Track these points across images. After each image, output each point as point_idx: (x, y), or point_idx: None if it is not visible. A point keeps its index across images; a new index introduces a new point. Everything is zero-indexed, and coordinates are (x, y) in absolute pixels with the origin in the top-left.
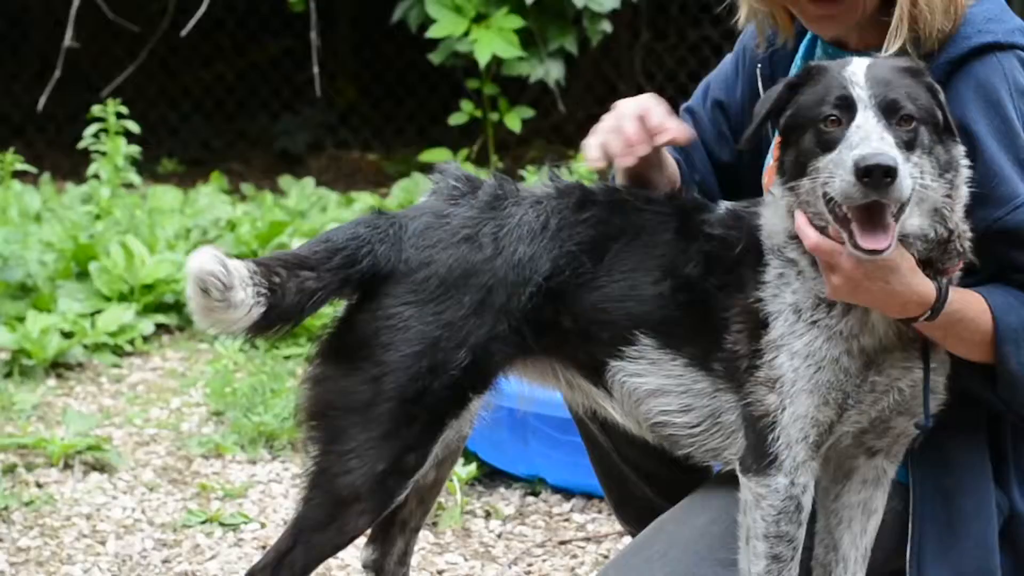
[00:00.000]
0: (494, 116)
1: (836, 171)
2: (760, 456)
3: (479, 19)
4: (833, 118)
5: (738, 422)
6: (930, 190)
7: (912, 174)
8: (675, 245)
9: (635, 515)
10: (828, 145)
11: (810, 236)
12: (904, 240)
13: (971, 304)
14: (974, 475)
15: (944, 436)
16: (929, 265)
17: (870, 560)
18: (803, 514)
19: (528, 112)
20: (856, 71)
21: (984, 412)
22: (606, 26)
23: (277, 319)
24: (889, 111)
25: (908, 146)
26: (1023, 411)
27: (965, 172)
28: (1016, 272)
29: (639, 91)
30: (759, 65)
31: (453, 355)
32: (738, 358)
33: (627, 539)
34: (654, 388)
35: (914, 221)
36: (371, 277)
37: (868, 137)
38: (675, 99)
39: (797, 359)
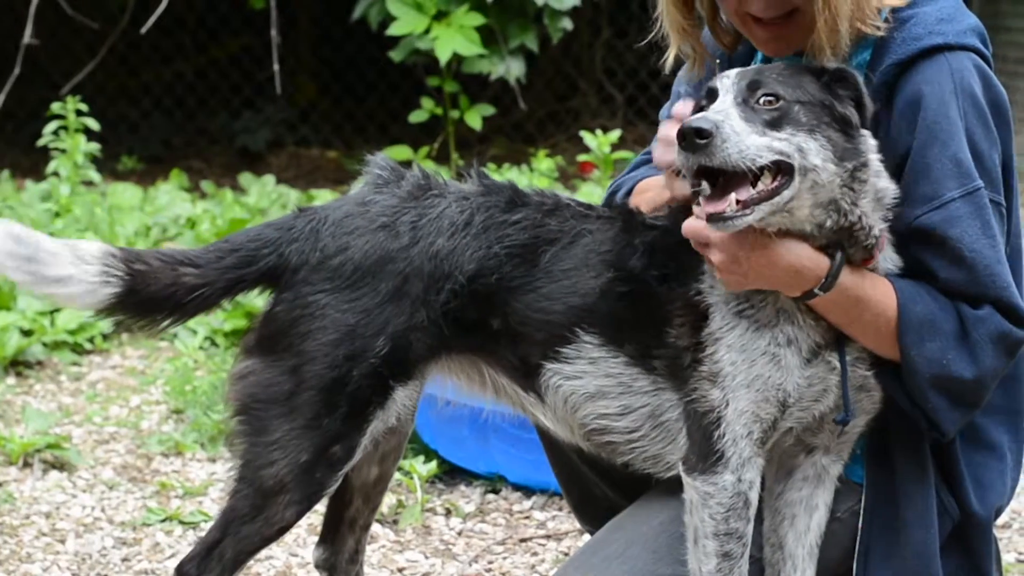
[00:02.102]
0: (455, 114)
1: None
2: (705, 454)
3: (440, 17)
4: (703, 107)
5: (680, 421)
6: (820, 172)
7: (772, 146)
8: (620, 240)
9: (595, 515)
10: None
11: (685, 225)
12: (792, 221)
13: (876, 287)
14: (915, 483)
15: (891, 441)
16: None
17: (827, 558)
18: (751, 510)
19: (489, 110)
20: (735, 70)
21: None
22: (567, 23)
23: (139, 305)
24: (749, 91)
25: (772, 124)
26: (929, 411)
27: (875, 166)
28: (933, 281)
29: (600, 89)
30: (717, 60)
31: (371, 343)
32: (681, 353)
33: (587, 537)
34: (592, 391)
35: (803, 210)
36: (279, 274)
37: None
38: (635, 96)
39: (734, 352)
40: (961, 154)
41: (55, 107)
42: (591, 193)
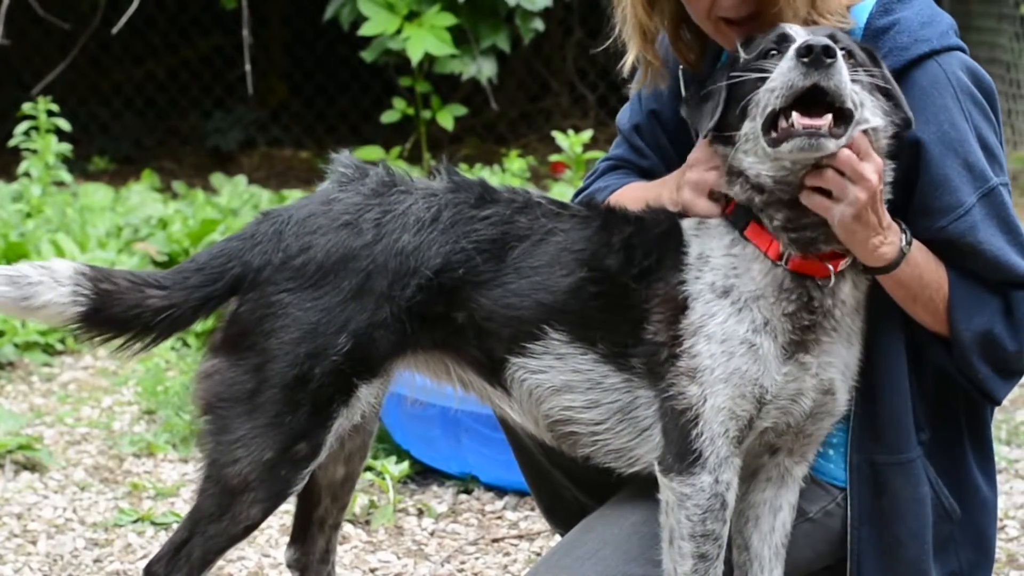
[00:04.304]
0: (426, 114)
1: (777, 75)
2: (682, 454)
3: (411, 17)
4: (772, 51)
5: (653, 418)
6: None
7: (854, 90)
8: (596, 239)
9: (566, 517)
10: (769, 71)
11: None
12: None
13: (929, 260)
14: (908, 501)
15: (878, 456)
16: None
17: (801, 558)
18: (728, 511)
19: (460, 110)
20: (794, 25)
21: (922, 431)
22: (538, 24)
23: (104, 324)
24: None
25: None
26: (979, 381)
27: (890, 171)
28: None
29: (572, 89)
30: (680, 66)
31: (333, 340)
32: (659, 348)
33: (559, 537)
34: (558, 385)
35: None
36: (245, 279)
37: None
38: (607, 97)
39: (713, 343)
40: (972, 157)
41: (26, 107)
42: (563, 193)
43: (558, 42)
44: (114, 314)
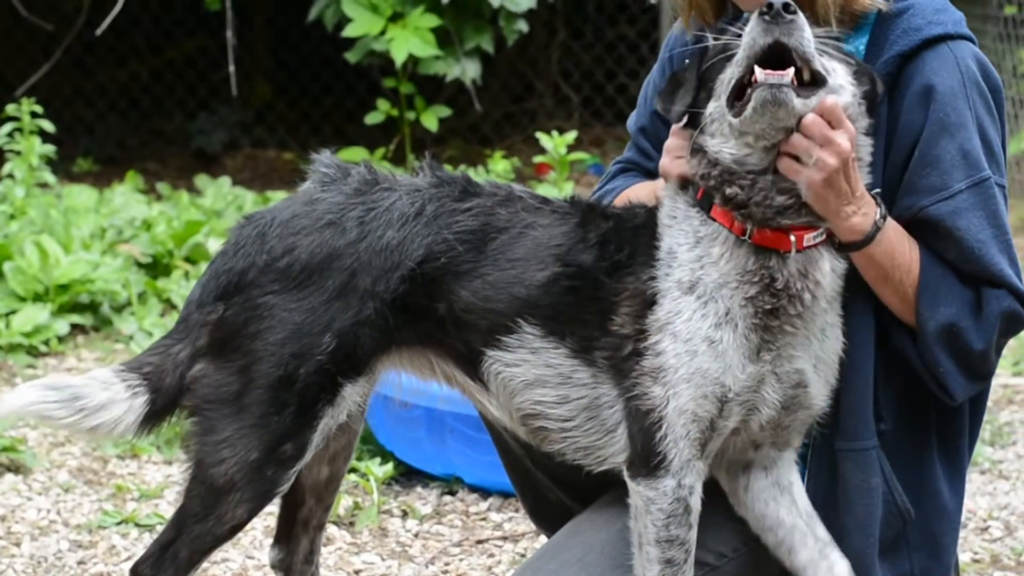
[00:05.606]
0: (411, 115)
1: (743, 43)
2: (648, 457)
3: (395, 18)
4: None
5: (617, 417)
6: (844, 93)
7: (818, 57)
8: (573, 235)
9: (551, 519)
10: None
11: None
12: None
13: (903, 241)
14: (856, 491)
15: (837, 443)
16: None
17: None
18: (692, 516)
19: (445, 111)
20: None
21: (882, 421)
22: (522, 25)
23: (169, 400)
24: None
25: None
26: (940, 375)
27: (867, 147)
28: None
29: (556, 90)
30: (687, 59)
31: (317, 340)
32: (623, 342)
33: (544, 538)
34: (531, 379)
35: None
36: (231, 285)
37: None
38: (591, 98)
39: (679, 342)
40: (969, 144)
41: (10, 109)
42: (547, 195)
43: (542, 43)
44: (169, 385)
